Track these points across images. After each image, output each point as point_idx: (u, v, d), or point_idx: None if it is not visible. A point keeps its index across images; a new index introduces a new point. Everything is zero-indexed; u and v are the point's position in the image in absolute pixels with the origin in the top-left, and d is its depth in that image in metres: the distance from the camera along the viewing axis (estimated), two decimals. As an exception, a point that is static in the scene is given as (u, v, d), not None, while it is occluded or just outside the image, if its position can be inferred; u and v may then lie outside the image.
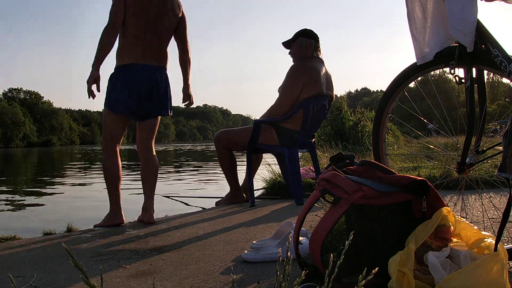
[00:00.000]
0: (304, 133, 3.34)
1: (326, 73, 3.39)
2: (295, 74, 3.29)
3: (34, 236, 2.63)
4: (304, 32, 3.43)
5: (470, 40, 1.42)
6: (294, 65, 3.35)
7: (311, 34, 3.41)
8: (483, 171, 3.06)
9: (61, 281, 1.62)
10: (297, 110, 3.26)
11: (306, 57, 3.37)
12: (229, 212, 3.14)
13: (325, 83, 3.35)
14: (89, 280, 0.64)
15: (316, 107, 3.31)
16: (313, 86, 3.25)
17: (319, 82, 3.28)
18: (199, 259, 1.84)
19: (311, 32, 3.44)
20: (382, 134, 1.76)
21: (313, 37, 3.41)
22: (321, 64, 3.36)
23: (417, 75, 1.65)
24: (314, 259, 1.30)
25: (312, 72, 3.28)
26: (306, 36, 3.40)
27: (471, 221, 2.06)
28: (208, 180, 7.46)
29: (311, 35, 3.41)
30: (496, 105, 15.93)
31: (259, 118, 3.50)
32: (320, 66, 3.34)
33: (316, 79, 3.27)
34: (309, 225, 2.27)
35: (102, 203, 4.57)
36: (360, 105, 12.01)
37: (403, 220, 1.30)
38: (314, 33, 3.44)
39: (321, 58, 3.42)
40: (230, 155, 3.56)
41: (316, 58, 3.38)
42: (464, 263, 1.15)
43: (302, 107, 3.25)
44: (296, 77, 3.27)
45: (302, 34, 3.41)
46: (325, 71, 3.39)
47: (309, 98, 3.25)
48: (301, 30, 3.46)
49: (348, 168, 1.43)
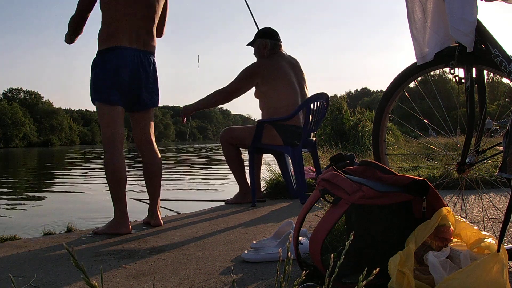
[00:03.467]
0: (306, 131, 3.38)
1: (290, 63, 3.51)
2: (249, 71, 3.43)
3: (34, 236, 2.63)
4: (260, 32, 3.58)
5: (470, 40, 1.42)
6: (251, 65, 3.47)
7: (266, 34, 3.54)
8: (483, 171, 3.06)
9: (61, 281, 1.62)
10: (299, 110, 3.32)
11: (264, 56, 3.50)
12: (229, 212, 3.14)
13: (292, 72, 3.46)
14: (89, 280, 0.64)
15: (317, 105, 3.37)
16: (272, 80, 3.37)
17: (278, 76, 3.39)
18: (199, 259, 1.84)
19: (267, 31, 3.56)
20: (382, 134, 1.76)
21: (269, 36, 3.52)
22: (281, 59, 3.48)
23: (417, 75, 1.65)
24: (314, 259, 1.30)
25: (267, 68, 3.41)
26: (262, 37, 3.53)
27: (471, 221, 2.06)
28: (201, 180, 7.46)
29: (267, 34, 3.54)
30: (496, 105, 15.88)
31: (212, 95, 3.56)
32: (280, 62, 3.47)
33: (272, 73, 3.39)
34: (309, 225, 2.27)
35: (102, 203, 4.57)
36: (360, 105, 12.01)
37: (403, 220, 1.30)
38: (270, 32, 3.55)
39: (281, 53, 3.52)
40: (237, 153, 3.57)
41: (275, 54, 3.49)
42: (464, 263, 1.15)
43: (304, 106, 3.31)
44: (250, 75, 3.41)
45: (259, 35, 3.56)
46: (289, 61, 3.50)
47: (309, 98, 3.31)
48: (259, 30, 3.62)
49: (348, 168, 1.43)
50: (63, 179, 8.49)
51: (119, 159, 2.47)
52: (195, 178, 7.74)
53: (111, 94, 2.47)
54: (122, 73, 2.47)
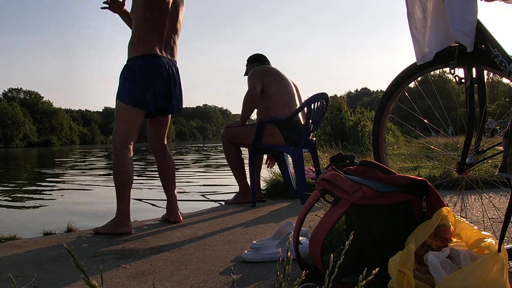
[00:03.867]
0: (306, 130, 3.39)
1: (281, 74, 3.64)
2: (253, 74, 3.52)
3: (34, 236, 2.63)
4: (250, 59, 3.81)
5: (470, 40, 1.42)
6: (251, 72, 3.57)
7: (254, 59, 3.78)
8: (483, 171, 3.06)
9: (61, 281, 1.62)
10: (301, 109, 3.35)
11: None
12: (229, 212, 3.14)
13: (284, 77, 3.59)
14: (89, 280, 0.64)
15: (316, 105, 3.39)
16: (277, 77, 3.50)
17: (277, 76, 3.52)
18: (199, 259, 1.84)
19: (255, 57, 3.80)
20: (382, 134, 1.76)
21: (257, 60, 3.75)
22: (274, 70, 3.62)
23: (417, 75, 1.65)
24: (314, 259, 1.30)
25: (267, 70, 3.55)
26: (252, 62, 3.77)
27: (471, 221, 2.06)
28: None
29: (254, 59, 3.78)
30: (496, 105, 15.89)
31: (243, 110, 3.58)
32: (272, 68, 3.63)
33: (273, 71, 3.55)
34: (309, 225, 2.27)
35: (102, 203, 4.57)
36: (360, 105, 12.01)
37: (403, 220, 1.30)
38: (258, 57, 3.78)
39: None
40: (237, 153, 3.58)
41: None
42: (464, 263, 1.15)
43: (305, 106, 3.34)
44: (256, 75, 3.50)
45: (249, 61, 3.81)
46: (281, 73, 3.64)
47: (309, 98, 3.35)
48: (248, 58, 3.83)
49: (348, 168, 1.43)
50: (63, 179, 8.49)
51: (128, 160, 2.51)
52: (195, 178, 7.73)
53: (146, 100, 2.55)
54: (157, 80, 2.58)
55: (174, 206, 2.79)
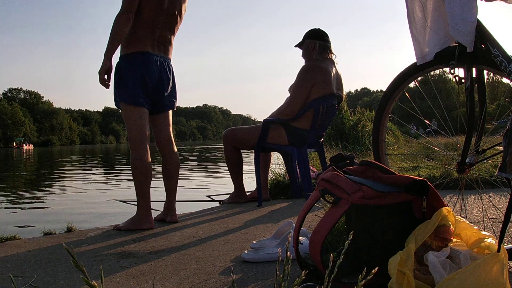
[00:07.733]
0: (313, 133, 3.36)
1: (336, 74, 3.38)
2: (304, 74, 3.29)
3: (34, 236, 2.63)
4: (309, 33, 3.41)
5: (470, 40, 1.42)
6: (305, 66, 3.35)
7: (315, 35, 3.38)
8: (483, 171, 3.06)
9: (61, 281, 1.62)
10: (307, 110, 3.27)
11: (312, 58, 3.35)
12: (229, 212, 3.14)
13: (335, 83, 3.35)
14: (89, 280, 0.64)
15: (326, 107, 3.31)
16: (324, 87, 3.25)
17: (330, 82, 3.28)
18: (199, 259, 1.84)
19: (317, 32, 3.40)
20: (382, 134, 1.76)
21: (319, 37, 3.37)
22: (331, 65, 3.36)
23: (417, 75, 1.65)
24: (314, 259, 1.30)
25: (322, 72, 3.26)
26: (311, 37, 3.37)
27: (471, 221, 2.06)
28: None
29: (316, 35, 3.38)
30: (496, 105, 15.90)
31: (268, 117, 3.50)
32: (330, 67, 3.33)
33: (326, 79, 3.26)
34: (309, 225, 2.27)
35: (102, 203, 4.57)
36: (360, 105, 12.01)
37: (403, 220, 1.30)
38: (320, 33, 3.40)
39: (331, 59, 3.39)
40: (237, 155, 3.57)
41: (326, 59, 3.35)
42: (464, 263, 1.15)
43: (312, 107, 3.26)
44: (306, 78, 3.27)
45: (308, 35, 3.40)
46: (335, 72, 3.38)
47: (319, 98, 3.25)
48: (308, 31, 3.44)
49: (348, 168, 1.43)
50: (63, 179, 8.49)
51: (147, 156, 2.58)
52: (195, 178, 7.74)
53: (138, 96, 2.57)
54: (148, 77, 2.58)
55: (172, 205, 2.78)
